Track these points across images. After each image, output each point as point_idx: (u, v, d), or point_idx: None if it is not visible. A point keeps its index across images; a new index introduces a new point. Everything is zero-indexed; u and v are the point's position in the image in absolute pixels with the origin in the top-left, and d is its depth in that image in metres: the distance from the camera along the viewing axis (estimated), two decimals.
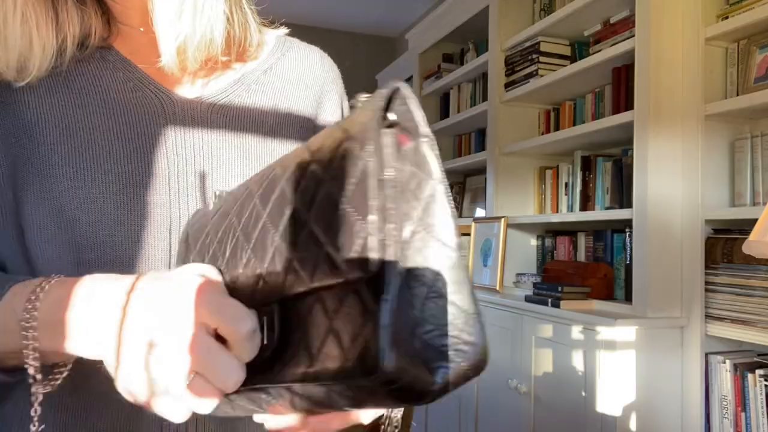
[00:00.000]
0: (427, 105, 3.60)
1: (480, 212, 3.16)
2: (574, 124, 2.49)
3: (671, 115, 1.85)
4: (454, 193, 3.39)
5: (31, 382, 0.45)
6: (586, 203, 2.38)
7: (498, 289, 2.51)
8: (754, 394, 1.65)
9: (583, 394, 1.85)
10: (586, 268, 2.21)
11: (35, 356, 0.45)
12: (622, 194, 2.18)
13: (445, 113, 3.48)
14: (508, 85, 2.68)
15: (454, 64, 3.42)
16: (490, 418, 2.34)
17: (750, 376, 1.67)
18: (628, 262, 2.08)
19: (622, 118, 1.98)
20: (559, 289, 2.06)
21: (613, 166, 2.24)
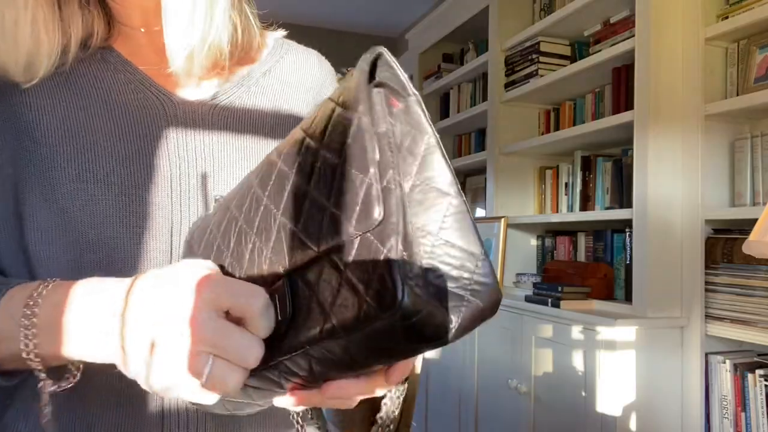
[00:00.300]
0: (427, 105, 3.57)
1: (480, 212, 3.16)
2: (574, 124, 2.49)
3: (671, 115, 1.85)
4: None
5: (41, 387, 0.45)
6: (586, 203, 2.38)
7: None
8: (754, 394, 1.65)
9: (583, 394, 1.85)
10: (586, 268, 2.21)
11: (37, 361, 0.45)
12: (622, 194, 2.18)
13: (445, 113, 3.48)
14: (508, 85, 2.68)
15: (454, 64, 3.42)
16: (490, 418, 2.34)
17: (750, 376, 1.67)
18: (628, 262, 2.08)
19: (622, 118, 1.98)
20: (559, 289, 2.06)
21: (613, 166, 2.24)
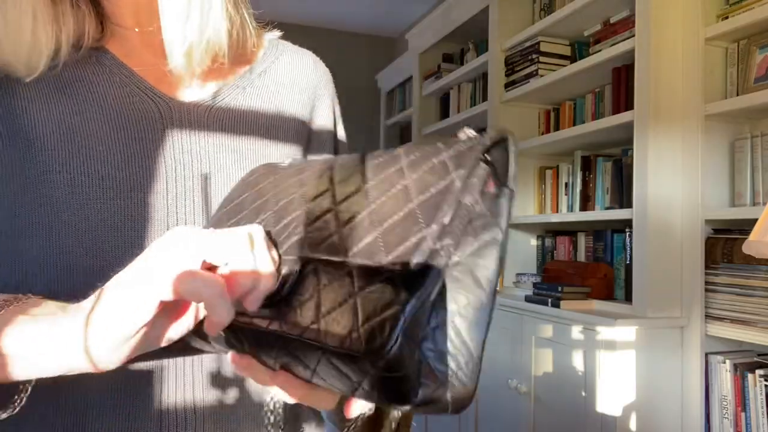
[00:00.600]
0: (427, 105, 3.60)
1: None
2: (574, 124, 2.49)
3: (671, 115, 1.85)
4: None
5: None
6: (586, 203, 2.38)
7: (498, 289, 2.51)
8: (754, 394, 1.65)
9: (583, 394, 1.85)
10: (586, 268, 2.21)
11: None
12: (622, 194, 2.18)
13: (445, 113, 3.48)
14: (508, 85, 2.68)
15: (454, 64, 3.42)
16: (490, 418, 2.34)
17: (750, 376, 1.67)
18: (628, 262, 2.08)
19: (622, 118, 1.98)
20: (559, 289, 2.06)
21: (613, 166, 2.24)
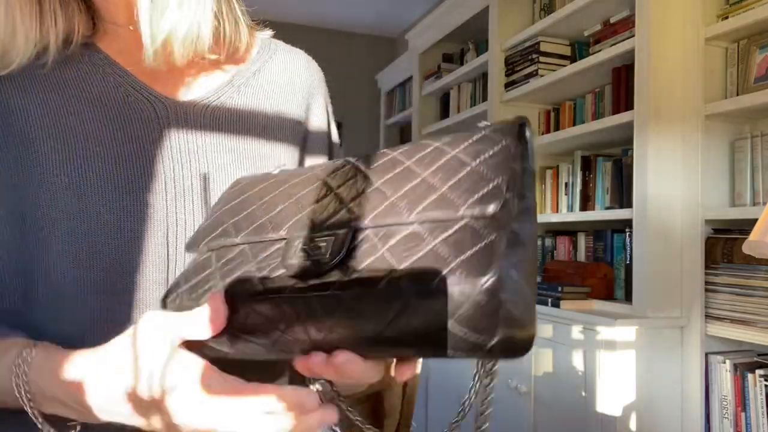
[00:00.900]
0: (427, 105, 3.59)
1: None
2: (574, 124, 2.49)
3: (671, 115, 1.85)
4: None
5: None
6: (586, 203, 2.38)
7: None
8: (754, 394, 1.65)
9: (583, 394, 1.85)
10: (586, 268, 2.21)
11: (40, 420, 0.47)
12: (622, 194, 2.18)
13: (445, 113, 3.48)
14: (508, 85, 2.68)
15: (454, 64, 3.42)
16: (491, 418, 2.34)
17: (750, 376, 1.67)
18: (628, 262, 2.08)
19: (622, 118, 1.98)
20: (559, 289, 2.06)
21: (613, 166, 2.24)
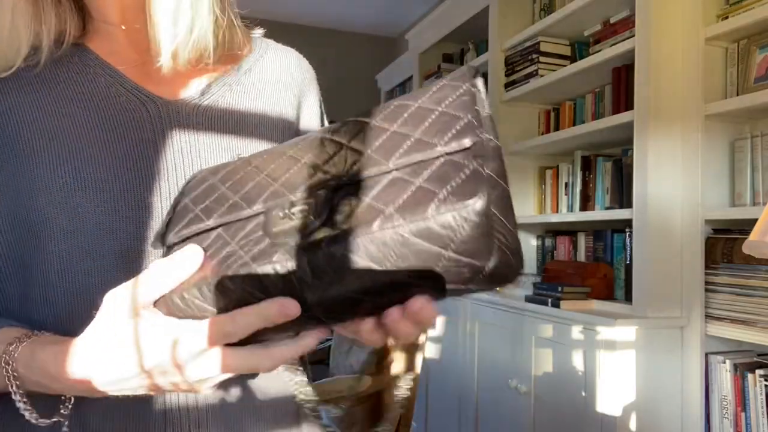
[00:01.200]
0: None
1: None
2: (574, 124, 2.49)
3: (671, 115, 1.85)
4: None
5: (32, 419, 0.49)
6: (586, 203, 2.38)
7: (498, 289, 2.51)
8: (754, 394, 1.65)
9: (583, 394, 1.85)
10: (586, 268, 2.21)
11: (25, 401, 0.49)
12: (622, 194, 2.18)
13: None
14: (508, 85, 2.68)
15: (454, 64, 3.42)
16: (490, 418, 2.34)
17: (750, 376, 1.67)
18: (628, 262, 2.08)
19: (622, 118, 1.98)
20: (559, 289, 2.06)
21: (613, 166, 2.24)
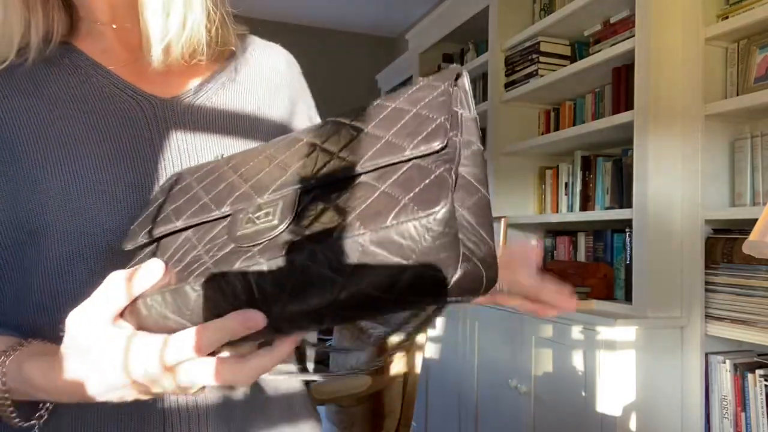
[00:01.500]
0: None
1: None
2: (574, 124, 2.49)
3: (671, 115, 1.85)
4: None
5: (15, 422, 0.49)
6: (586, 203, 2.38)
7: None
8: (754, 394, 1.65)
9: (583, 394, 1.85)
10: (586, 268, 2.21)
11: (13, 412, 0.49)
12: (622, 194, 2.18)
13: None
14: (508, 85, 2.68)
15: (454, 64, 3.42)
16: (491, 418, 2.34)
17: (750, 376, 1.67)
18: (628, 262, 2.08)
19: (622, 118, 1.98)
20: None
21: (613, 166, 2.24)
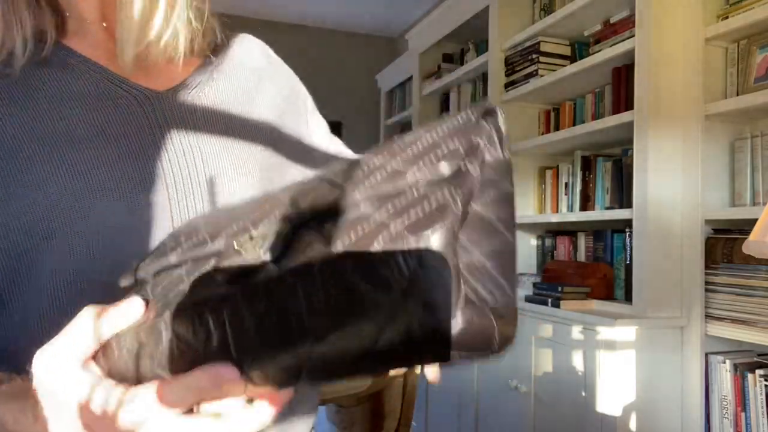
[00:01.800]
0: (427, 105, 3.60)
1: None
2: (574, 124, 2.49)
3: (671, 115, 1.85)
4: None
5: None
6: (586, 203, 2.38)
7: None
8: (754, 394, 1.65)
9: (583, 394, 1.85)
10: (586, 268, 2.21)
11: None
12: (622, 194, 2.18)
13: (445, 113, 3.47)
14: (508, 85, 2.68)
15: (454, 64, 3.42)
16: (491, 418, 2.34)
17: (750, 376, 1.67)
18: (628, 262, 2.08)
19: (622, 118, 1.98)
20: (559, 289, 2.06)
21: (613, 166, 2.24)
